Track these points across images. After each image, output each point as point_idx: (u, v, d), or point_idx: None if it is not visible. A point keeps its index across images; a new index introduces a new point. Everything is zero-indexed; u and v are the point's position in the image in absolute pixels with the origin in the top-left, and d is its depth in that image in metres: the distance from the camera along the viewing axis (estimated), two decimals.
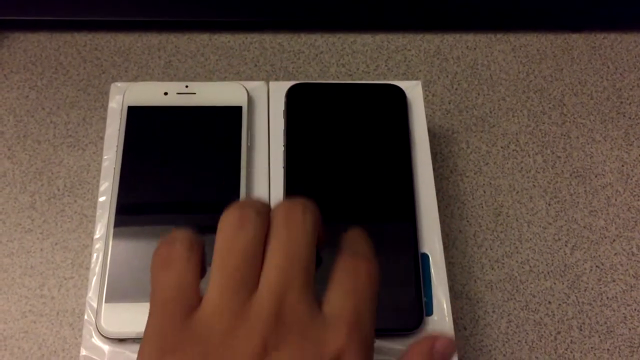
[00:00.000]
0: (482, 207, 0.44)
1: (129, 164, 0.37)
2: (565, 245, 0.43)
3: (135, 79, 0.48)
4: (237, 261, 0.24)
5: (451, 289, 0.41)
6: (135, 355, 0.32)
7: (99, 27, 0.50)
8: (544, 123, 0.48)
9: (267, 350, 0.22)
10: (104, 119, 0.46)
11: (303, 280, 0.23)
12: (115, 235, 0.34)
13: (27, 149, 0.45)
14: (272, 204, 0.26)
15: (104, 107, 0.46)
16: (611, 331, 0.40)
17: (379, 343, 0.33)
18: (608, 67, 0.51)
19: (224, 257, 0.24)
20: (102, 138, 0.45)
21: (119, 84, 0.40)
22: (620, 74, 0.50)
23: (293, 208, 0.25)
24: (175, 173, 0.37)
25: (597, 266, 0.42)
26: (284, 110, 0.40)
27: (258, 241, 0.24)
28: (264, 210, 0.25)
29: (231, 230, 0.24)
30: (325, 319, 0.23)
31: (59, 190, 0.43)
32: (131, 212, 0.36)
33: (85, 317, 0.33)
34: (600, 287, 0.42)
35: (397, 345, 0.33)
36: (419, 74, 0.50)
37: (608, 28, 0.53)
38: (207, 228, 0.36)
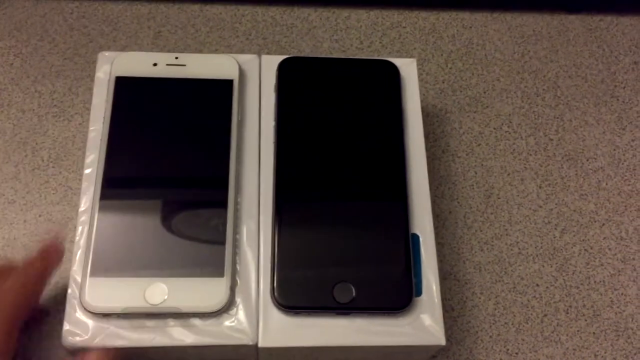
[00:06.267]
0: (473, 188, 0.44)
1: (116, 135, 0.36)
2: (555, 229, 0.43)
3: (123, 49, 0.47)
4: None
5: (440, 270, 0.40)
6: (120, 331, 0.32)
7: None
8: (537, 105, 0.47)
9: None
10: (91, 89, 0.44)
11: None
12: (101, 208, 0.34)
13: (11, 118, 0.43)
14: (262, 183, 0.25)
15: (91, 77, 0.45)
16: (598, 315, 0.40)
17: (368, 322, 0.33)
18: (603, 50, 0.50)
19: None
20: (88, 109, 0.44)
21: (106, 54, 0.39)
22: (616, 57, 0.50)
23: None
24: (163, 146, 0.36)
25: (585, 250, 0.42)
26: (275, 85, 0.39)
27: None
28: None
29: None
30: None
31: (43, 161, 0.42)
32: (117, 185, 0.35)
33: (69, 291, 0.32)
34: (588, 271, 0.42)
35: (386, 325, 0.33)
36: (413, 51, 0.49)
37: (605, 10, 0.52)
38: (193, 202, 0.35)
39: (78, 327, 0.32)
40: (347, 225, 0.35)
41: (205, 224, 0.34)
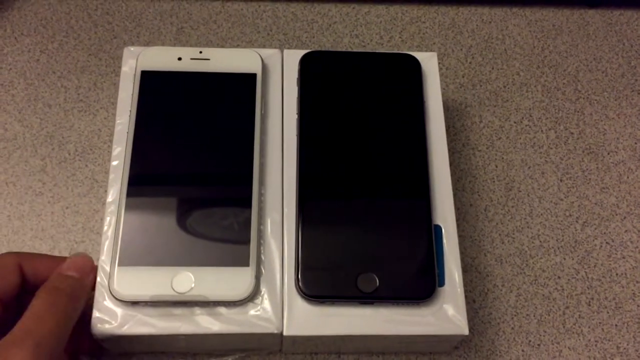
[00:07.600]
0: (494, 181, 0.44)
1: (142, 128, 0.36)
2: (576, 221, 0.43)
3: (146, 44, 0.47)
4: None
5: (461, 262, 0.41)
6: (148, 318, 0.32)
7: None
8: (557, 99, 0.47)
9: None
10: (115, 84, 0.45)
11: None
12: (128, 199, 0.34)
13: (38, 113, 0.44)
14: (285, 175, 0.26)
15: (115, 72, 0.46)
16: (619, 307, 0.40)
17: (391, 312, 0.33)
18: (623, 44, 0.50)
19: None
20: (113, 103, 0.45)
21: (132, 48, 0.39)
22: (636, 51, 0.50)
23: None
24: (188, 138, 0.37)
25: (607, 242, 0.42)
26: (297, 78, 0.39)
27: None
28: None
29: None
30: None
31: (69, 154, 0.43)
32: (144, 176, 0.35)
33: (98, 280, 0.33)
34: (610, 264, 0.42)
35: (409, 315, 0.33)
36: (433, 46, 0.49)
37: (625, 5, 0.52)
38: (218, 193, 0.36)
39: (107, 315, 0.32)
40: (370, 216, 0.35)
41: (230, 215, 0.35)
